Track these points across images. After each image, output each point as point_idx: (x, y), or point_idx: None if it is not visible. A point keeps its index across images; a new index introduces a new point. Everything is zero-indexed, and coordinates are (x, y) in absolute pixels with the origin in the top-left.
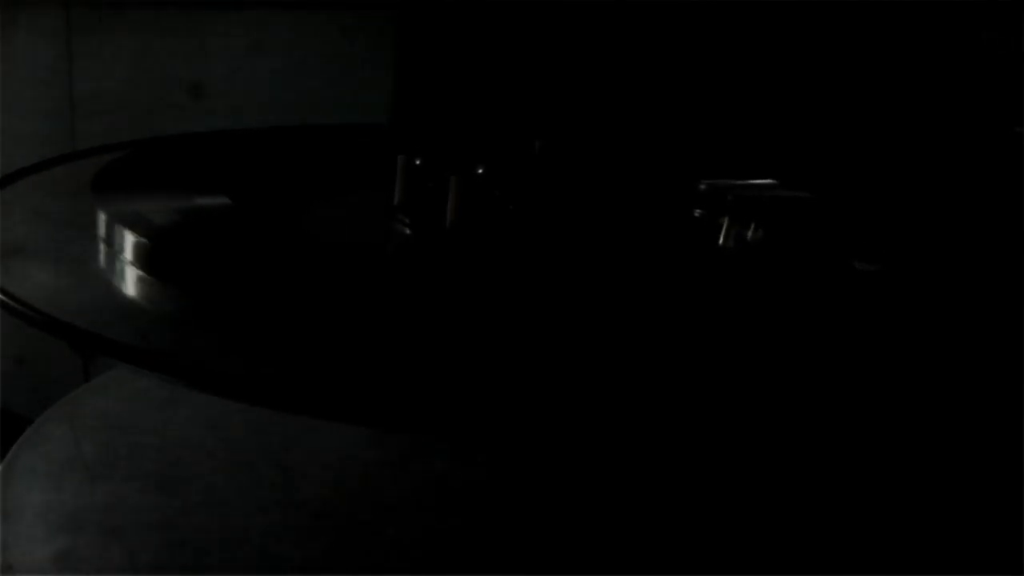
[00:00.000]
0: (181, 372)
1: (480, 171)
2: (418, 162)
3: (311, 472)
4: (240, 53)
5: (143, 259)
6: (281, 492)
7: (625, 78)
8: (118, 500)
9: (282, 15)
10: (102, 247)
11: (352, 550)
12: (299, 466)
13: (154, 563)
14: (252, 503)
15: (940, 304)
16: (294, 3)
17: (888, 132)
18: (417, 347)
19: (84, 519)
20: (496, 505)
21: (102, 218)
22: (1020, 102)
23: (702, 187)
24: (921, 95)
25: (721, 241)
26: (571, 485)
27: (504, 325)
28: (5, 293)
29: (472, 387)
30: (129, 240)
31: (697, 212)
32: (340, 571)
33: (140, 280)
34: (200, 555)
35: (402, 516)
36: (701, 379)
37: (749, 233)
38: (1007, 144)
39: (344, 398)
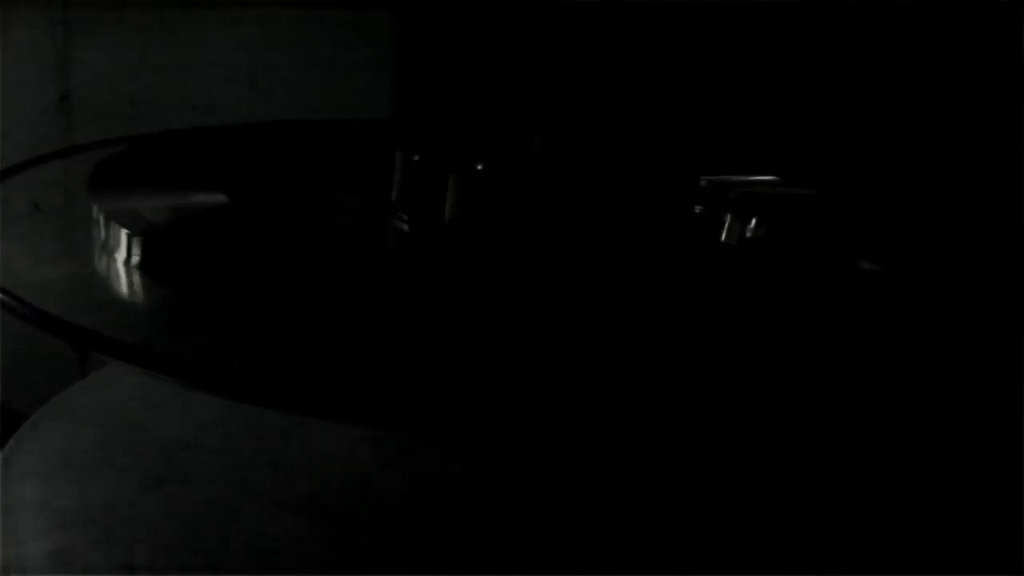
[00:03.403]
0: (177, 371)
1: (479, 167)
2: (416, 158)
3: (308, 470)
4: (240, 51)
5: (139, 257)
6: (278, 489)
7: (625, 74)
8: (114, 497)
9: (282, 13)
10: (98, 244)
11: (349, 549)
12: (296, 463)
13: (150, 561)
14: (248, 500)
15: (942, 303)
16: (294, 1)
17: (891, 130)
18: (415, 345)
19: (80, 516)
20: (495, 504)
21: (98, 215)
22: (1020, 103)
23: (703, 184)
24: (924, 94)
25: (723, 238)
26: (570, 484)
27: (503, 322)
28: (3, 291)
29: (470, 385)
30: (124, 238)
31: (698, 209)
32: (337, 571)
33: (137, 278)
34: (196, 553)
35: (400, 514)
36: (701, 377)
37: (751, 230)
38: (1009, 144)
39: (340, 397)
